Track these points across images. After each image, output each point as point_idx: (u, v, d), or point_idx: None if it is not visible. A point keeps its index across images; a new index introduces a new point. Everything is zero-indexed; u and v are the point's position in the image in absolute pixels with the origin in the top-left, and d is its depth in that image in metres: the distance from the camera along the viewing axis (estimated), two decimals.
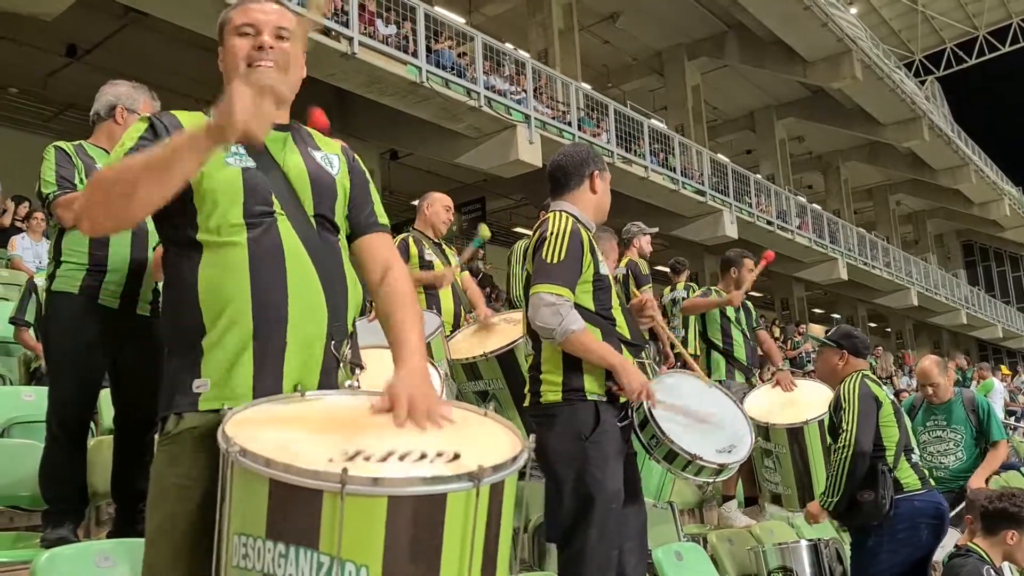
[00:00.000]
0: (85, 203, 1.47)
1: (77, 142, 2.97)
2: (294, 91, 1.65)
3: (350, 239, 1.74)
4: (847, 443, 3.42)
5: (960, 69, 29.74)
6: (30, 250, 7.40)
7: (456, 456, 1.28)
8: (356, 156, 1.82)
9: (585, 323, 2.55)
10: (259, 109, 1.36)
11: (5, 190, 8.87)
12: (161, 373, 1.59)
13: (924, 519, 3.49)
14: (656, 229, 6.15)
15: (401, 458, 1.26)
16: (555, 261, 2.54)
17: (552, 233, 2.60)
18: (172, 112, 1.66)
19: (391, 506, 1.18)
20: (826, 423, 4.21)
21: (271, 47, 1.61)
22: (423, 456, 1.27)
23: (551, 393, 2.59)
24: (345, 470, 1.14)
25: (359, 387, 1.57)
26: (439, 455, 1.28)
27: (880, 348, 17.24)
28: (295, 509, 1.20)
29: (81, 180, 2.83)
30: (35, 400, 3.61)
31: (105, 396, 3.35)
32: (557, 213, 2.69)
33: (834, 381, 3.71)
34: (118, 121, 2.95)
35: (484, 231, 4.04)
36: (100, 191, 1.45)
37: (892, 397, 3.75)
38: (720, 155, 19.54)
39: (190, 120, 1.63)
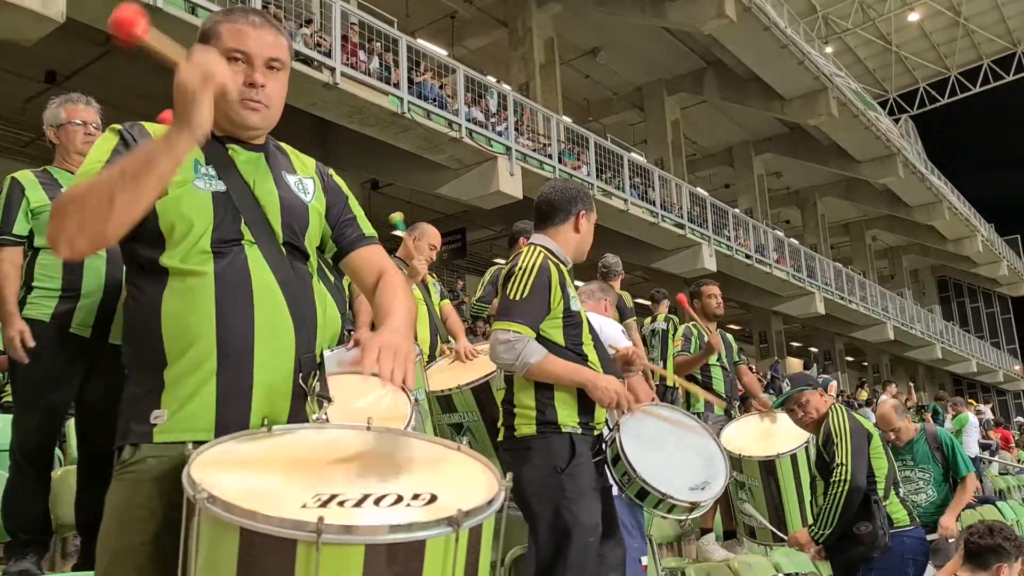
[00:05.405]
0: (58, 223, 1.36)
1: (42, 168, 2.96)
2: (273, 122, 1.62)
3: (339, 257, 1.71)
4: (843, 477, 3.41)
5: (932, 108, 30.42)
6: None
7: (433, 498, 1.25)
8: (331, 172, 1.77)
9: (549, 353, 2.53)
10: (213, 66, 1.34)
11: None
12: None
13: (912, 555, 3.51)
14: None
15: (377, 502, 1.22)
16: (517, 298, 2.54)
17: (520, 268, 2.58)
18: (141, 123, 1.57)
19: (368, 554, 1.14)
20: (800, 456, 4.21)
21: (262, 85, 1.54)
22: (399, 499, 1.23)
23: (525, 426, 2.57)
24: (321, 519, 1.10)
25: (327, 420, 1.52)
26: (415, 497, 1.24)
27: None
28: (267, 559, 1.15)
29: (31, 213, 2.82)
30: (3, 428, 3.50)
31: (72, 424, 3.27)
32: (530, 247, 2.69)
33: (817, 423, 3.69)
34: (53, 141, 2.96)
35: (395, 217, 4.03)
36: (74, 208, 1.35)
37: (879, 431, 3.76)
38: (699, 189, 19.75)
39: (160, 131, 1.53)
